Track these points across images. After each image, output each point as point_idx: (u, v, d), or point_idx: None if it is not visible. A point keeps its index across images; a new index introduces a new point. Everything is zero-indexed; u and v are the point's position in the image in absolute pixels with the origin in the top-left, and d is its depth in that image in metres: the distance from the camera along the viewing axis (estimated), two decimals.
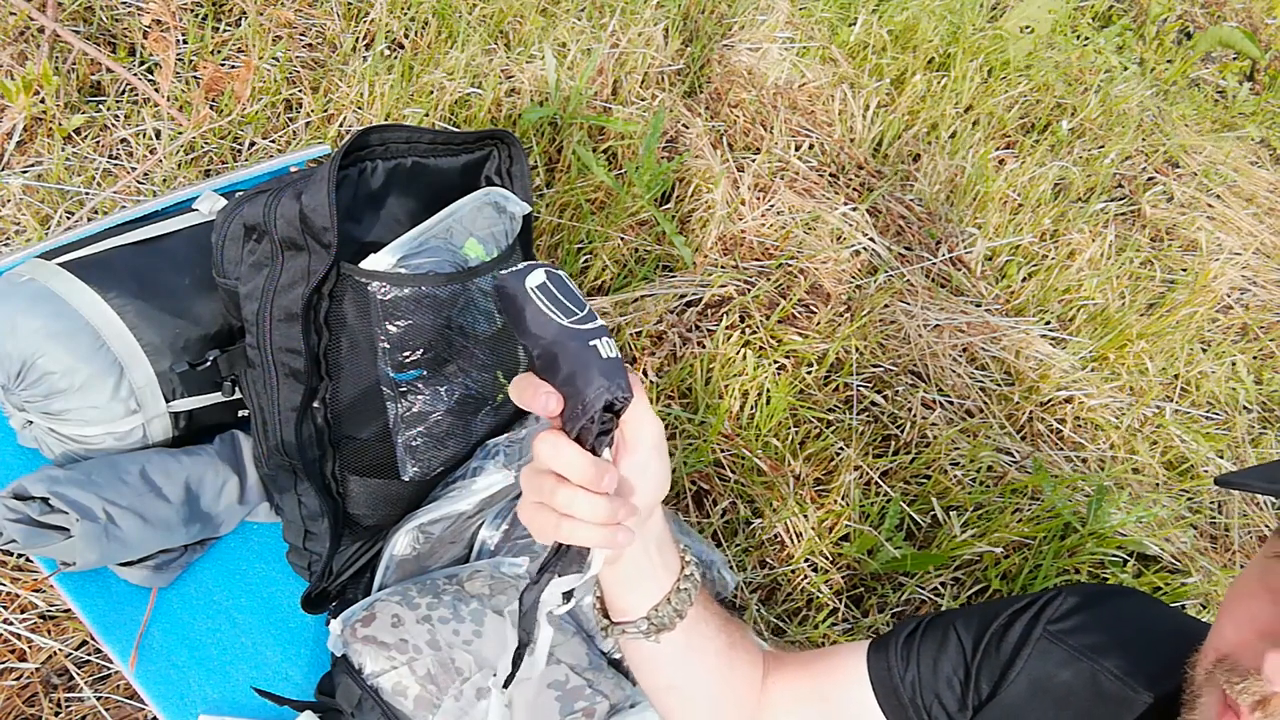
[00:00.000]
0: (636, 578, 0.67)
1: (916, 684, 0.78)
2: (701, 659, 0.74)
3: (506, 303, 0.58)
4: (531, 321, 0.57)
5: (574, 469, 0.55)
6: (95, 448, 1.01)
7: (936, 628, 0.80)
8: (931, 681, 0.78)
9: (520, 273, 0.58)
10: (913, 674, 0.78)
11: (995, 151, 2.42)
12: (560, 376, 0.56)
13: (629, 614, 0.69)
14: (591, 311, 0.59)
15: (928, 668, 0.78)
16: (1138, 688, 0.69)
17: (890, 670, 0.79)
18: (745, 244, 1.96)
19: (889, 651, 0.80)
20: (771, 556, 1.53)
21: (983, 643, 0.77)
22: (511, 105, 1.87)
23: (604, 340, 0.57)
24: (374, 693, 0.95)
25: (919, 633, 0.80)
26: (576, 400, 0.55)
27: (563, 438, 0.56)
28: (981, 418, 1.86)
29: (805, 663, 0.83)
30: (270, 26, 1.74)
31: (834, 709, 0.81)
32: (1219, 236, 2.57)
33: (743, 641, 0.79)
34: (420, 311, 0.96)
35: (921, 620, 0.82)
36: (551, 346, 0.56)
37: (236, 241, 0.95)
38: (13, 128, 1.45)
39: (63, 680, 1.10)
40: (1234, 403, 2.13)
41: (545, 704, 0.99)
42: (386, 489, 1.06)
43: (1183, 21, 3.35)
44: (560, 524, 0.56)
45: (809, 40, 2.38)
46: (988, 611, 0.79)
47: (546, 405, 0.55)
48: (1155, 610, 0.77)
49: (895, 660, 0.79)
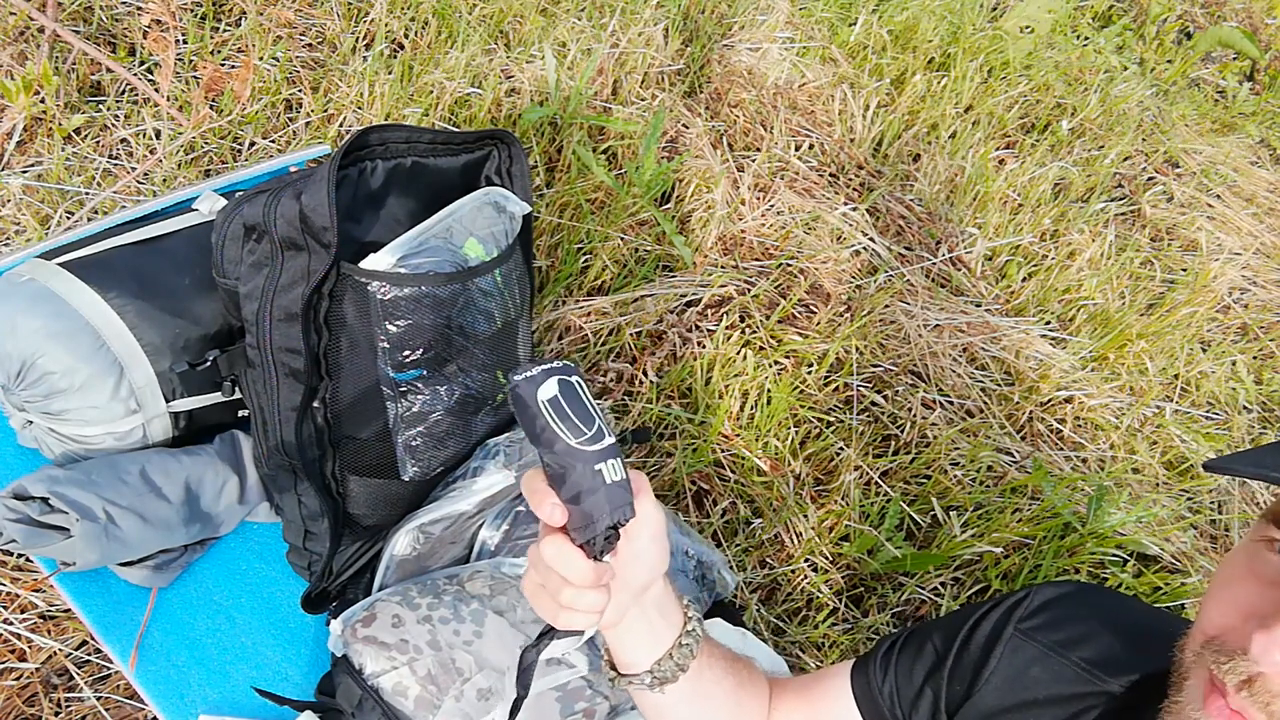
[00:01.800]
0: (638, 638, 0.72)
1: (894, 694, 0.81)
2: (707, 704, 0.77)
3: (519, 408, 0.60)
4: (542, 433, 0.59)
5: (578, 576, 0.61)
6: (95, 448, 1.01)
7: (914, 640, 0.83)
8: (908, 690, 0.81)
9: (534, 380, 0.60)
10: (890, 685, 0.81)
11: (995, 151, 2.42)
12: (566, 491, 0.59)
13: (633, 668, 0.73)
14: (601, 427, 0.61)
15: (904, 678, 0.81)
16: (1106, 678, 0.72)
17: (870, 684, 0.83)
18: (745, 244, 1.96)
19: (869, 667, 0.84)
20: (771, 556, 1.53)
21: (954, 646, 0.79)
22: (511, 105, 1.87)
23: (611, 463, 0.60)
24: (374, 693, 0.95)
25: (897, 646, 0.84)
26: (582, 518, 0.59)
27: (567, 544, 0.60)
28: (981, 418, 1.86)
29: (801, 689, 0.87)
30: (270, 26, 1.74)
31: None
32: (1219, 236, 2.57)
33: (750, 680, 0.82)
34: (420, 311, 0.96)
35: (900, 634, 0.85)
36: (560, 460, 0.59)
37: (236, 241, 0.95)
38: (13, 128, 1.45)
39: (63, 680, 1.10)
40: (1234, 403, 2.13)
41: (545, 704, 0.99)
42: (386, 489, 1.06)
43: (1183, 21, 3.35)
44: (559, 613, 0.63)
45: (809, 40, 2.38)
46: (958, 617, 0.81)
47: (551, 517, 0.60)
48: (1120, 603, 0.79)
49: (874, 674, 0.83)
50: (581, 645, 0.73)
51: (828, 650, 1.47)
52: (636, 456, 1.55)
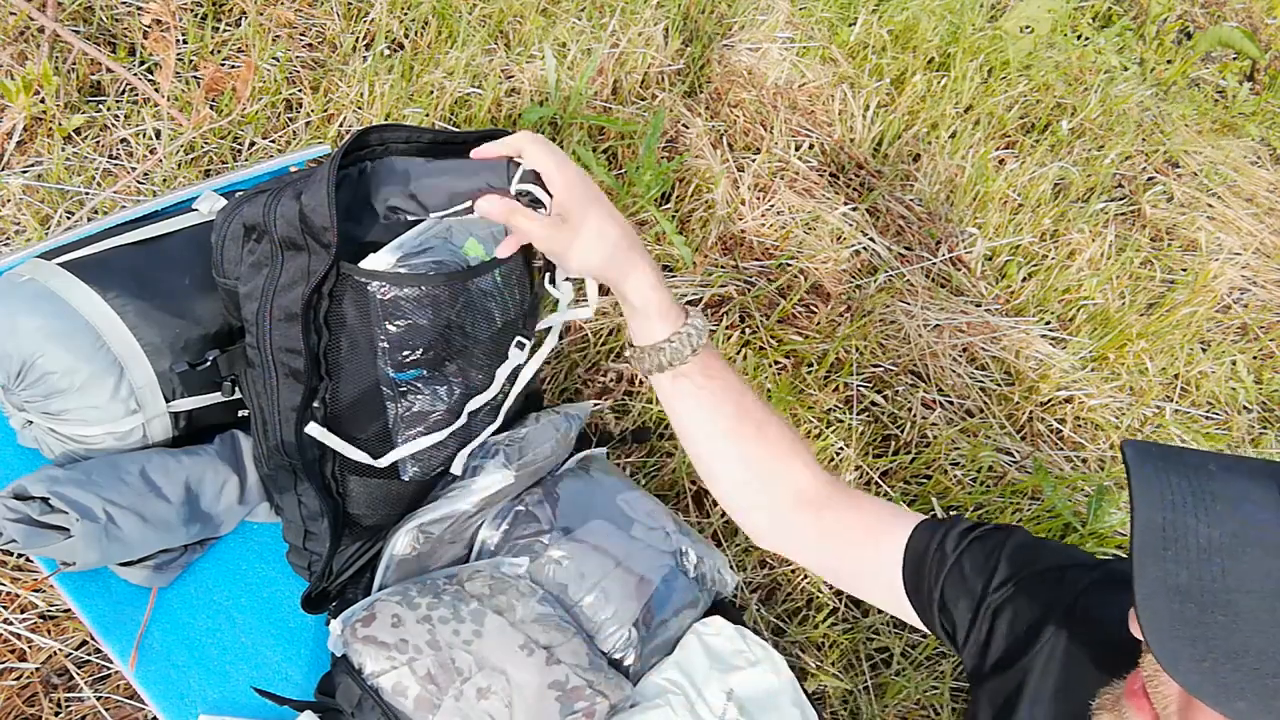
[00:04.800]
0: (642, 320, 0.86)
1: (943, 578, 0.81)
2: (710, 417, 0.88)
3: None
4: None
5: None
6: (95, 448, 1.01)
7: (988, 541, 0.82)
8: (958, 586, 0.81)
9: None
10: (947, 568, 0.81)
11: (995, 151, 2.42)
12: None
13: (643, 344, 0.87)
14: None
15: (957, 573, 0.81)
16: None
17: (926, 552, 0.83)
18: (745, 244, 1.96)
19: (936, 537, 0.83)
20: (771, 556, 1.53)
21: (1013, 582, 0.78)
22: (511, 105, 1.87)
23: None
24: (374, 693, 0.95)
25: (970, 537, 0.82)
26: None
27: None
28: (981, 418, 1.86)
29: (857, 504, 0.89)
30: (270, 26, 1.74)
31: (855, 555, 0.88)
32: (1219, 236, 2.57)
33: (778, 438, 0.89)
34: (420, 311, 0.96)
35: (977, 527, 0.84)
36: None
37: (236, 241, 0.95)
38: (13, 128, 1.45)
39: (63, 680, 1.10)
40: (1234, 403, 2.13)
41: (545, 704, 0.99)
42: (386, 489, 1.06)
43: (1183, 21, 3.35)
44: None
45: (809, 40, 2.38)
46: (1039, 555, 0.80)
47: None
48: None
49: (934, 549, 0.83)
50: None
51: (828, 650, 1.47)
52: (637, 456, 1.55)
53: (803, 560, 0.95)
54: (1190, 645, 0.49)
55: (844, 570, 0.91)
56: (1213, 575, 0.50)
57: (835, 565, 0.91)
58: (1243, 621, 0.49)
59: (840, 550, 0.89)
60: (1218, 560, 0.50)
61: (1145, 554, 0.52)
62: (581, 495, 1.22)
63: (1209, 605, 0.50)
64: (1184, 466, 0.55)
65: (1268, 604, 0.49)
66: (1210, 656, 0.48)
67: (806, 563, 0.95)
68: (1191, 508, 0.52)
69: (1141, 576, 0.51)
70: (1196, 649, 0.49)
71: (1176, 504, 0.53)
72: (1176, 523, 0.52)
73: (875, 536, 0.87)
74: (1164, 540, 0.52)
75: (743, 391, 0.89)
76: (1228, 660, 0.48)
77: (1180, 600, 0.50)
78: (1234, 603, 0.49)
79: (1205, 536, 0.51)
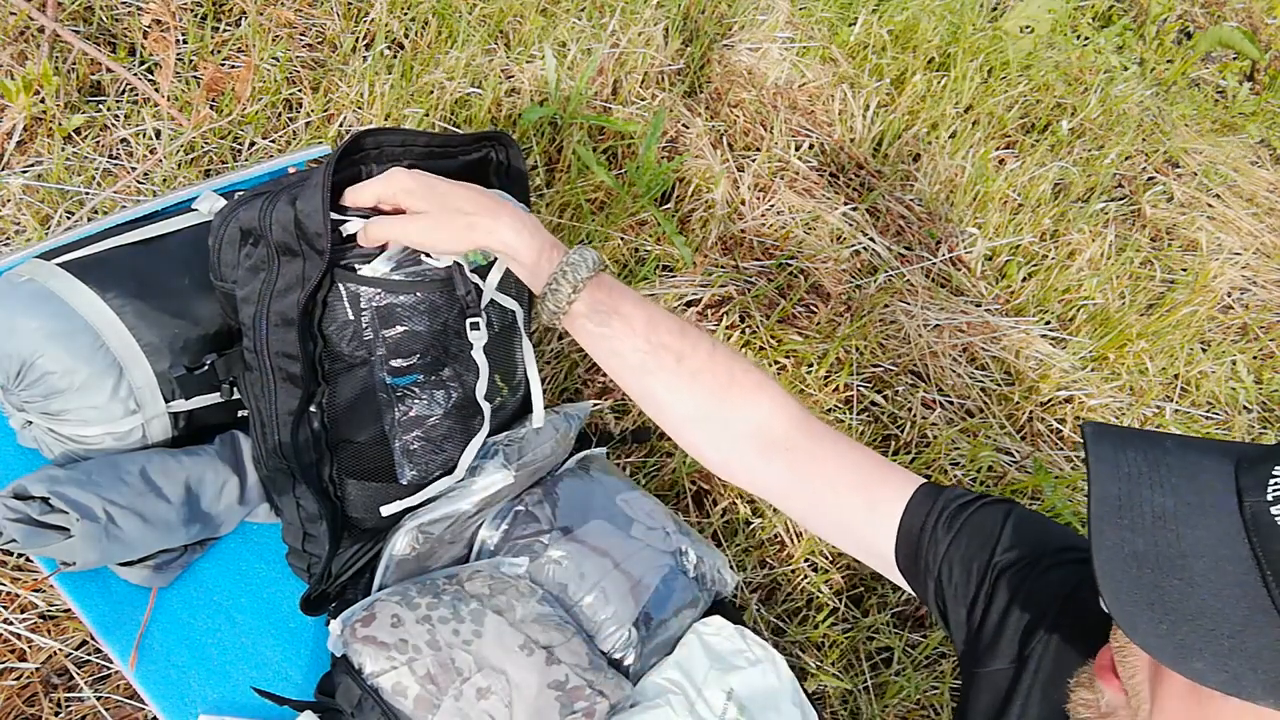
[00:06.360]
0: (520, 270, 0.89)
1: (941, 557, 0.79)
2: (620, 350, 0.86)
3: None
4: None
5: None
6: (95, 448, 1.00)
7: (989, 513, 0.80)
8: (956, 566, 0.78)
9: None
10: (945, 547, 0.79)
11: (995, 151, 2.42)
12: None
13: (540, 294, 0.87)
14: None
15: (957, 547, 0.79)
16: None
17: (927, 516, 0.80)
18: (745, 244, 1.96)
19: (937, 504, 0.80)
20: (771, 556, 1.53)
21: (1014, 567, 0.76)
22: (511, 105, 1.87)
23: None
24: (374, 693, 0.95)
25: (970, 508, 0.80)
26: None
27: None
28: (981, 418, 1.86)
29: (838, 452, 0.84)
30: (270, 26, 1.74)
31: (840, 505, 0.83)
32: (1219, 236, 2.57)
33: (707, 366, 0.85)
34: (416, 317, 0.96)
35: (980, 500, 0.81)
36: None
37: (233, 245, 0.95)
38: (13, 128, 1.45)
39: (63, 680, 1.11)
40: (1234, 403, 2.13)
41: (545, 704, 0.99)
42: (384, 492, 1.06)
43: (1183, 21, 3.35)
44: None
45: (809, 40, 2.38)
46: (1044, 536, 0.78)
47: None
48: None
49: (935, 514, 0.80)
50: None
51: (828, 650, 1.47)
52: (636, 456, 1.55)
53: (772, 499, 0.89)
54: (1149, 609, 0.51)
55: (823, 519, 0.86)
56: (1168, 541, 0.52)
57: (808, 510, 0.87)
58: (1197, 585, 0.51)
59: (819, 495, 0.84)
60: (1172, 527, 0.52)
61: (1103, 523, 0.53)
62: (581, 495, 1.22)
63: (1166, 570, 0.51)
64: (1141, 442, 0.57)
65: (1220, 567, 0.51)
66: (1168, 619, 0.50)
67: (776, 502, 0.89)
68: (1147, 479, 0.54)
69: (1100, 545, 0.53)
70: (1155, 612, 0.50)
71: (1132, 476, 0.55)
72: (1132, 493, 0.54)
73: (868, 494, 0.82)
74: (1119, 509, 0.54)
75: (654, 321, 0.85)
76: (1185, 623, 0.50)
77: (1137, 566, 0.52)
78: (1189, 567, 0.51)
79: (1160, 505, 0.53)
